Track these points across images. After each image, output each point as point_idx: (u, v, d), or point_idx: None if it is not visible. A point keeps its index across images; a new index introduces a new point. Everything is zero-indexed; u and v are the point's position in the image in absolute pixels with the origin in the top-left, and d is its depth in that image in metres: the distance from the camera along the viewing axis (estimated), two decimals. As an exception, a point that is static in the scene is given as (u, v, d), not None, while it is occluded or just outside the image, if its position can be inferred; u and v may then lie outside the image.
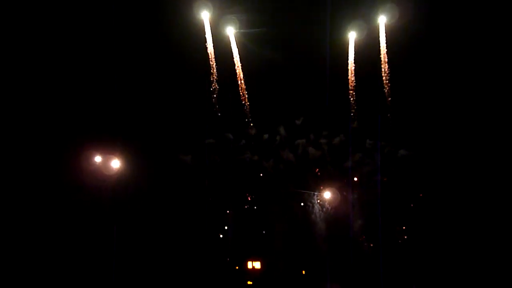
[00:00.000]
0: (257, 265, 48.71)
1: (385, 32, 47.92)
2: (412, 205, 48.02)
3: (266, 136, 49.86)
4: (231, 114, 50.01)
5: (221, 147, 49.32)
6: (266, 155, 49.48)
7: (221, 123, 49.56)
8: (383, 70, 48.56)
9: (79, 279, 43.81)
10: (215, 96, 48.76)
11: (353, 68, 49.61)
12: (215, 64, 48.38)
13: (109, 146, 47.06)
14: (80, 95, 46.57)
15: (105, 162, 46.99)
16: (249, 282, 48.11)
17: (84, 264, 44.47)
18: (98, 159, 46.68)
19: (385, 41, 48.09)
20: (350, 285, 45.20)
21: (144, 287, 45.83)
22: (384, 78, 48.71)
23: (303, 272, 48.32)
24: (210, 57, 48.07)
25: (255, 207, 49.77)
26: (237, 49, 48.85)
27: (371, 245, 47.57)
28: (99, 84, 47.20)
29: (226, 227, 49.08)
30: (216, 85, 48.50)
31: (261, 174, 49.18)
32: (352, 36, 49.20)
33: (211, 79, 48.52)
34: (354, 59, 49.51)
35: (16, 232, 43.36)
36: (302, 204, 48.96)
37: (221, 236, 49.21)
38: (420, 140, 48.58)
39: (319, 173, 49.42)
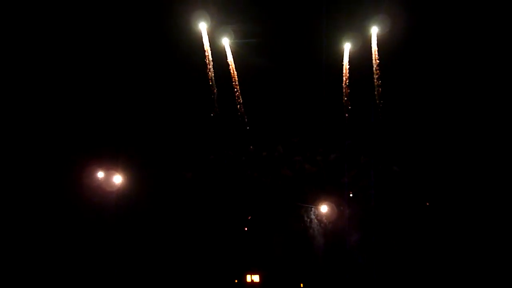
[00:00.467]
0: (256, 278, 49.62)
1: (378, 43, 49.02)
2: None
3: (264, 153, 51.27)
4: (229, 124, 51.15)
5: (222, 163, 50.49)
6: (265, 171, 50.78)
7: (221, 136, 50.71)
8: (375, 78, 49.90)
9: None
10: (215, 107, 49.93)
11: (347, 78, 50.83)
12: (213, 74, 49.55)
13: (111, 161, 47.97)
14: (81, 109, 47.50)
15: (107, 177, 47.83)
16: (247, 294, 48.98)
17: (86, 279, 45.06)
18: (100, 174, 47.50)
19: (376, 51, 49.24)
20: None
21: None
22: (376, 85, 49.94)
23: (301, 285, 49.42)
24: (208, 67, 49.00)
25: (254, 221, 50.73)
26: (232, 60, 49.73)
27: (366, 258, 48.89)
28: (100, 98, 48.22)
29: (225, 241, 49.80)
30: (215, 91, 49.59)
31: (260, 190, 50.22)
32: (347, 47, 50.24)
33: (211, 89, 49.72)
34: (349, 70, 50.58)
35: (19, 248, 43.90)
36: (300, 218, 50.17)
37: (220, 249, 49.92)
38: (414, 151, 50.24)
39: (315, 189, 50.71)
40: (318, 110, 51.03)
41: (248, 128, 51.01)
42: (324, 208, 50.42)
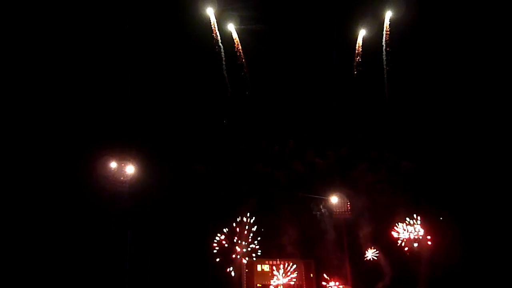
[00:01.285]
0: (266, 268, 50.35)
1: (392, 30, 49.17)
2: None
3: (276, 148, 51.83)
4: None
5: (235, 157, 50.92)
6: (277, 165, 51.30)
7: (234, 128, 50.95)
8: (385, 64, 50.18)
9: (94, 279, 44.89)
10: (228, 88, 50.04)
11: (359, 60, 50.95)
12: (224, 57, 49.59)
13: (124, 151, 48.18)
14: (94, 102, 47.54)
15: (120, 168, 48.09)
16: (258, 285, 49.66)
17: (99, 266, 45.54)
18: (113, 165, 47.73)
19: (387, 36, 49.31)
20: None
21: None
22: (385, 70, 50.31)
23: (311, 274, 50.23)
24: (218, 49, 49.17)
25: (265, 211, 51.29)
26: (238, 41, 49.95)
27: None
28: (113, 88, 48.19)
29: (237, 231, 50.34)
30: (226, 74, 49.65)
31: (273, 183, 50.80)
32: (361, 34, 50.43)
33: (223, 73, 49.76)
34: (361, 58, 50.88)
35: (33, 235, 44.23)
36: (310, 209, 50.91)
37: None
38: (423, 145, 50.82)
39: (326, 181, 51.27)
40: (328, 103, 51.42)
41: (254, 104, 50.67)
42: (334, 199, 51.23)
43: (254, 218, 49.75)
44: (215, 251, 48.70)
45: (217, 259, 48.41)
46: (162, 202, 48.68)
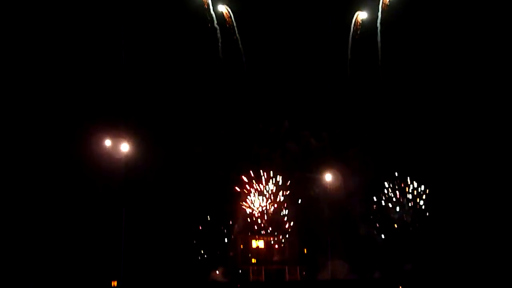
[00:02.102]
0: (261, 244, 51.26)
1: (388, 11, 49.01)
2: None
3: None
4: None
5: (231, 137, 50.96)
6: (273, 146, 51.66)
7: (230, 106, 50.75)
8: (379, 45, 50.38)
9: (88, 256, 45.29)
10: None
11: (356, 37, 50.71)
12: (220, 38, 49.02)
13: (119, 129, 47.69)
14: (90, 78, 46.67)
15: (115, 145, 47.68)
16: (253, 260, 50.66)
17: (94, 243, 45.84)
18: (108, 143, 47.31)
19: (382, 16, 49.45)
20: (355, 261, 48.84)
21: (152, 265, 47.75)
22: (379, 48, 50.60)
23: (305, 250, 51.43)
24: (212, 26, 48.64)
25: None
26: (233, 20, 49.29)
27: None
28: (108, 67, 47.33)
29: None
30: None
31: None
32: (359, 15, 50.14)
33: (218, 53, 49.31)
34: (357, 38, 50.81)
35: (28, 212, 44.12)
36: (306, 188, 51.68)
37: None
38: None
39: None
40: (323, 85, 51.47)
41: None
42: (328, 177, 51.92)
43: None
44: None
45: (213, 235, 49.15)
46: (157, 180, 48.67)
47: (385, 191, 51.34)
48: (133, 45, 46.86)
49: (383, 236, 50.53)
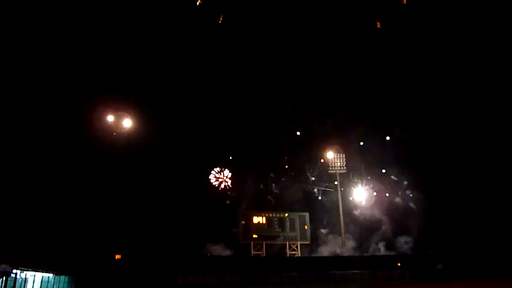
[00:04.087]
0: (262, 220, 51.92)
1: None
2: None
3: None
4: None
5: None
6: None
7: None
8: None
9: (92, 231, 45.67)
10: None
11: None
12: None
13: (121, 105, 47.22)
14: (90, 54, 45.80)
15: (117, 121, 47.35)
16: (254, 236, 51.44)
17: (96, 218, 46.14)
18: (110, 118, 46.93)
19: None
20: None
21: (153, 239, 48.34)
22: None
23: (305, 227, 52.18)
24: None
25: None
26: None
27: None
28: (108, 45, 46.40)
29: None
30: None
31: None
32: None
33: None
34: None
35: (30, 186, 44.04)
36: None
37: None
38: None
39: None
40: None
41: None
42: (330, 154, 52.31)
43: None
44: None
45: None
46: (160, 154, 48.77)
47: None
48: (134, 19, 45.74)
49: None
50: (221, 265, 45.24)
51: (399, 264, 47.70)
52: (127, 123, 47.45)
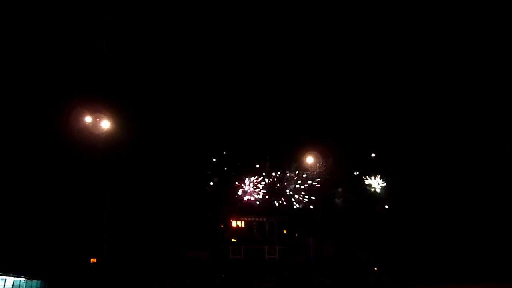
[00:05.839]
0: (241, 224, 51.79)
1: None
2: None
3: None
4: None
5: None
6: None
7: None
8: None
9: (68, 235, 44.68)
10: None
11: None
12: None
13: (99, 106, 46.43)
14: (70, 55, 44.93)
15: (95, 122, 46.54)
16: (233, 240, 51.18)
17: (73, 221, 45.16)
18: (88, 119, 46.11)
19: None
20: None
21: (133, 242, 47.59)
22: None
23: (284, 231, 52.24)
24: None
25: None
26: None
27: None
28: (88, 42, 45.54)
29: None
30: None
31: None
32: None
33: None
34: None
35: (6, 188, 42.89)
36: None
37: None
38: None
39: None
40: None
41: None
42: (310, 159, 52.68)
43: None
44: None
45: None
46: (140, 158, 48.10)
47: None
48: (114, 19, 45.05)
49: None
50: (199, 269, 44.78)
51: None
52: (106, 124, 46.87)
